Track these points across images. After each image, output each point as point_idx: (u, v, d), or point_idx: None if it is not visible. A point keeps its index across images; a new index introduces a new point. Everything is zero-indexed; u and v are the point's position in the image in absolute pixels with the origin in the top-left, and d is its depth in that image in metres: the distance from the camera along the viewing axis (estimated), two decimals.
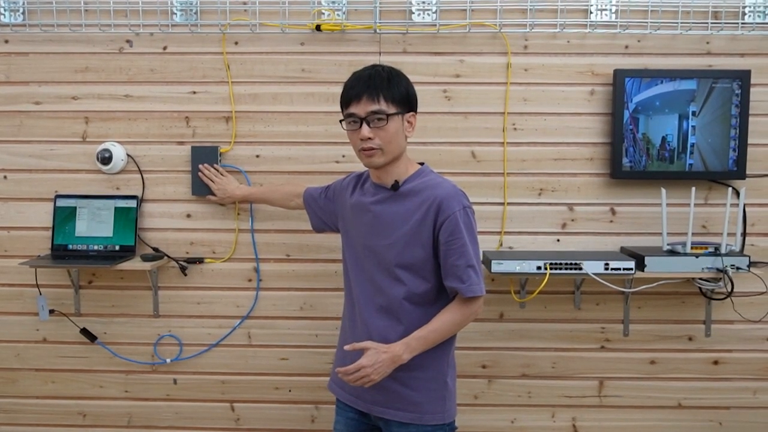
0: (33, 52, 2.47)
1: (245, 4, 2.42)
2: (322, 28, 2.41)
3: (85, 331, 2.52)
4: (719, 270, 2.28)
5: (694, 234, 2.35)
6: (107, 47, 2.46)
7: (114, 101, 2.48)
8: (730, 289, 2.26)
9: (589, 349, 2.52)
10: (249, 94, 2.47)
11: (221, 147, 2.46)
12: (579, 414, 2.55)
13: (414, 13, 2.41)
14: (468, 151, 2.47)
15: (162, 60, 2.46)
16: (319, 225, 2.19)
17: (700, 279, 2.35)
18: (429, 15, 2.41)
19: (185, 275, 2.51)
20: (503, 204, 2.47)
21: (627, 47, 2.43)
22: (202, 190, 2.45)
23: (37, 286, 2.49)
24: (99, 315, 2.54)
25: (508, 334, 2.52)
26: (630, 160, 2.40)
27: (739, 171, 2.39)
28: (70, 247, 2.45)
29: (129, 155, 2.48)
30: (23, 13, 2.44)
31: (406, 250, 1.81)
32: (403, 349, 1.75)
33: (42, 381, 2.58)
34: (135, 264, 2.38)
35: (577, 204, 2.48)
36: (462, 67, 2.44)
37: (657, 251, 2.35)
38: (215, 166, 2.43)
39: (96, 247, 2.45)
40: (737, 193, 2.39)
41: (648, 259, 2.29)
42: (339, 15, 2.42)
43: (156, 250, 2.48)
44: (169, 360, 2.55)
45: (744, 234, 2.45)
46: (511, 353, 2.53)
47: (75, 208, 2.46)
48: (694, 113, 2.38)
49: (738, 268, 2.28)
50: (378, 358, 1.73)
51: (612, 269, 2.26)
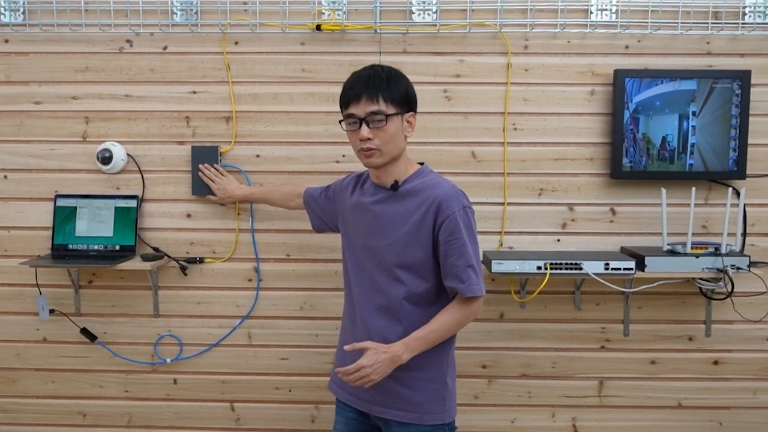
0: (33, 52, 2.47)
1: (245, 4, 2.42)
2: (323, 28, 2.41)
3: (85, 331, 2.52)
4: (719, 270, 2.28)
5: (694, 234, 2.36)
6: (107, 47, 2.46)
7: (114, 101, 2.48)
8: (730, 289, 2.26)
9: (589, 349, 2.52)
10: (249, 94, 2.47)
11: (221, 147, 2.46)
12: (579, 414, 2.55)
13: (414, 13, 2.41)
14: (468, 151, 2.47)
15: (162, 60, 2.47)
16: (320, 225, 2.19)
17: (701, 279, 2.35)
18: (429, 15, 2.41)
19: (185, 275, 2.51)
20: (503, 204, 2.47)
21: (627, 47, 2.43)
22: (202, 190, 2.45)
23: (38, 285, 2.49)
24: (99, 315, 2.55)
25: (508, 334, 2.52)
26: (630, 160, 2.40)
27: (739, 171, 2.39)
28: (71, 246, 2.45)
29: (129, 155, 2.48)
30: (23, 12, 2.44)
31: (405, 250, 1.80)
32: (403, 349, 1.75)
33: (42, 381, 2.58)
34: (135, 264, 2.38)
35: (578, 204, 2.48)
36: (462, 67, 2.44)
37: (657, 251, 2.35)
38: (215, 166, 2.43)
39: (96, 247, 2.45)
40: (737, 193, 2.39)
41: (648, 259, 2.29)
42: (339, 15, 2.42)
43: (156, 249, 2.48)
44: (169, 360, 2.55)
45: (744, 234, 2.45)
46: (512, 353, 2.53)
47: (75, 208, 2.46)
48: (694, 113, 2.38)
49: (738, 268, 2.28)
50: (378, 358, 1.73)
51: (612, 269, 2.26)
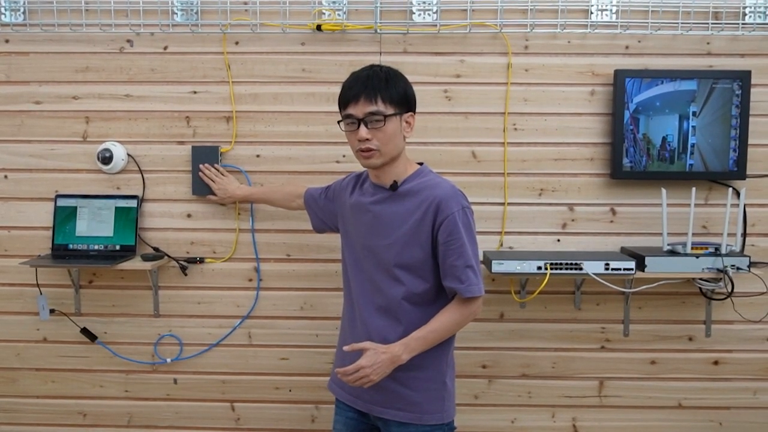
0: (33, 52, 2.48)
1: (246, 4, 2.42)
2: (323, 28, 2.41)
3: (85, 331, 2.52)
4: (719, 270, 2.28)
5: (694, 234, 2.36)
6: (108, 47, 2.47)
7: (114, 101, 2.48)
8: (730, 290, 2.26)
9: (589, 349, 2.52)
10: (249, 94, 2.47)
11: (222, 147, 2.46)
12: (579, 414, 2.55)
13: (415, 13, 2.41)
14: (468, 151, 2.47)
15: (163, 60, 2.47)
16: (320, 225, 2.19)
17: (701, 279, 2.35)
18: (429, 15, 2.41)
19: (185, 275, 2.51)
20: (503, 204, 2.47)
21: (627, 47, 2.43)
22: (202, 189, 2.45)
23: (38, 285, 2.49)
24: (99, 315, 2.55)
25: (509, 334, 2.52)
26: (630, 161, 2.40)
27: (739, 171, 2.39)
28: (71, 246, 2.45)
29: (129, 155, 2.48)
30: (24, 12, 2.44)
31: (404, 250, 1.80)
32: (402, 349, 1.75)
33: (42, 380, 2.58)
34: (135, 264, 2.38)
35: (578, 204, 2.48)
36: (462, 67, 2.44)
37: (657, 251, 2.35)
38: (216, 165, 2.43)
39: (96, 247, 2.45)
40: (737, 193, 2.39)
41: (648, 260, 2.29)
42: (340, 15, 2.42)
43: (156, 249, 2.48)
44: (169, 360, 2.55)
45: (744, 234, 2.45)
46: (512, 353, 2.53)
47: (75, 208, 2.46)
48: (694, 113, 2.38)
49: (738, 269, 2.28)
50: (377, 358, 1.73)
51: (612, 269, 2.26)
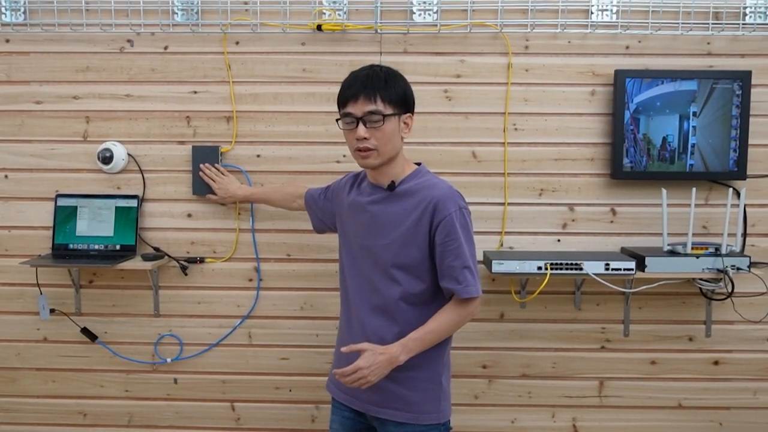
0: (34, 52, 2.48)
1: (246, 3, 2.42)
2: (323, 28, 2.41)
3: (85, 331, 2.52)
4: (720, 270, 2.28)
5: (694, 234, 2.36)
6: (108, 47, 2.47)
7: (115, 101, 2.48)
8: (730, 290, 2.26)
9: (589, 349, 2.52)
10: (250, 93, 2.47)
11: (222, 147, 2.46)
12: (579, 414, 2.55)
13: (415, 13, 2.41)
14: (469, 151, 2.47)
15: (163, 60, 2.47)
16: (320, 226, 2.19)
17: (701, 279, 2.35)
18: (430, 15, 2.41)
19: (186, 275, 2.51)
20: (504, 204, 2.47)
21: (628, 48, 2.43)
22: (202, 189, 2.45)
23: (38, 285, 2.49)
24: (99, 314, 2.55)
25: (509, 334, 2.52)
26: (630, 161, 2.40)
27: (739, 171, 2.39)
28: (71, 246, 2.46)
29: (130, 155, 2.48)
30: (24, 12, 2.44)
31: (402, 251, 1.80)
32: (400, 350, 1.75)
33: (42, 380, 2.58)
34: (136, 263, 2.38)
35: (578, 204, 2.48)
36: (463, 67, 2.44)
37: (657, 252, 2.35)
38: (216, 165, 2.43)
39: (97, 247, 2.45)
40: (738, 193, 2.39)
41: (648, 260, 2.29)
42: (340, 15, 2.42)
43: (157, 249, 2.48)
44: (169, 359, 2.55)
45: (744, 234, 2.45)
46: (512, 353, 2.53)
47: (76, 208, 2.47)
48: (694, 114, 2.38)
49: (738, 269, 2.28)
50: (375, 359, 1.72)
51: (612, 269, 2.26)
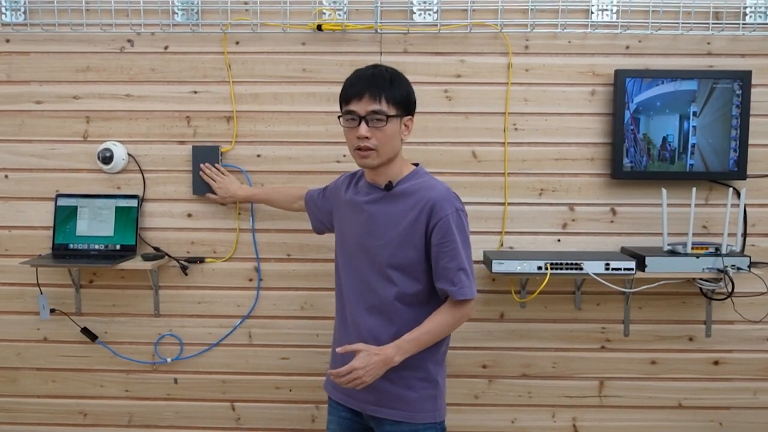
0: (34, 52, 2.48)
1: (246, 3, 2.42)
2: (323, 27, 2.41)
3: (85, 331, 2.52)
4: (720, 270, 2.28)
5: (694, 234, 2.35)
6: (108, 47, 2.47)
7: (115, 101, 2.48)
8: (730, 290, 2.26)
9: (589, 349, 2.52)
10: (250, 93, 2.47)
11: (222, 147, 2.46)
12: (579, 414, 2.55)
13: (415, 13, 2.41)
14: (469, 151, 2.47)
15: (163, 59, 2.47)
16: (319, 227, 2.20)
17: (701, 279, 2.35)
18: (430, 15, 2.41)
19: (186, 275, 2.51)
20: (504, 204, 2.47)
21: (628, 47, 2.43)
22: (203, 189, 2.45)
23: (38, 285, 2.49)
24: (100, 314, 2.55)
25: (509, 334, 2.52)
26: (631, 161, 2.40)
27: (739, 171, 2.39)
28: (71, 246, 2.46)
29: (130, 155, 2.48)
30: (24, 12, 2.44)
31: (398, 251, 1.80)
32: (395, 351, 1.75)
33: (43, 380, 2.58)
34: (136, 263, 2.38)
35: (578, 204, 2.48)
36: (463, 67, 2.44)
37: (657, 251, 2.35)
38: (216, 165, 2.43)
39: (97, 247, 2.45)
40: (738, 193, 2.39)
41: (648, 260, 2.29)
42: (340, 15, 2.42)
43: (157, 249, 2.48)
44: (169, 359, 2.55)
45: (744, 234, 2.45)
46: (512, 353, 2.53)
47: (76, 208, 2.47)
48: (694, 114, 2.38)
49: (738, 269, 2.28)
50: (370, 360, 1.72)
51: (612, 269, 2.26)
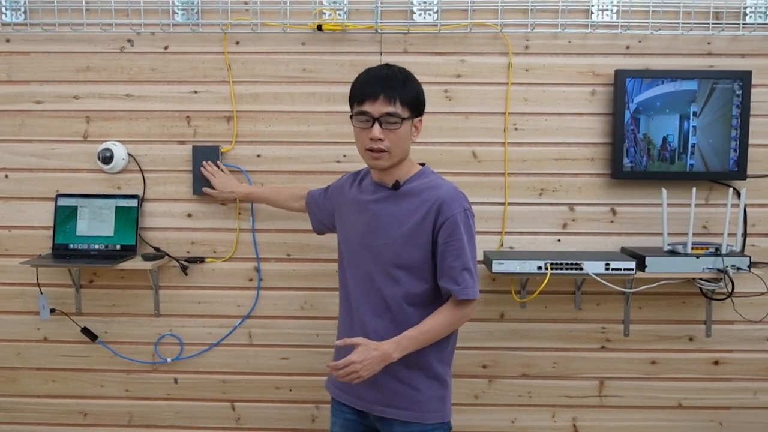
0: (34, 52, 2.48)
1: (246, 3, 2.42)
2: (324, 27, 2.41)
3: (85, 331, 2.52)
4: (720, 270, 2.28)
5: (694, 234, 2.35)
6: (108, 47, 2.47)
7: (115, 101, 2.48)
8: (730, 290, 2.26)
9: (589, 349, 2.52)
10: (250, 93, 2.47)
11: (222, 146, 2.46)
12: (579, 414, 2.55)
13: (415, 13, 2.41)
14: (469, 151, 2.47)
15: (163, 59, 2.47)
16: (320, 227, 2.19)
17: (701, 279, 2.35)
18: (430, 15, 2.41)
19: (186, 275, 2.51)
20: (504, 204, 2.47)
21: (628, 47, 2.43)
22: (203, 189, 2.45)
23: (38, 285, 2.49)
24: (100, 314, 2.55)
25: (509, 334, 2.52)
26: (631, 161, 2.40)
27: (739, 171, 2.39)
28: (71, 246, 2.46)
29: (130, 154, 2.48)
30: (24, 12, 2.44)
31: (404, 250, 1.80)
32: (394, 347, 1.75)
33: (43, 380, 2.58)
34: (136, 263, 2.38)
35: (578, 204, 2.48)
36: (463, 67, 2.44)
37: (658, 251, 2.35)
38: (218, 163, 2.43)
39: (97, 247, 2.45)
40: (738, 193, 2.39)
41: (649, 260, 2.29)
42: (340, 15, 2.42)
43: (157, 249, 2.48)
44: (169, 359, 2.55)
45: (744, 234, 2.45)
46: (512, 353, 2.53)
47: (76, 208, 2.47)
48: (695, 114, 2.38)
49: (738, 269, 2.28)
50: (368, 354, 1.72)
51: (613, 269, 2.26)
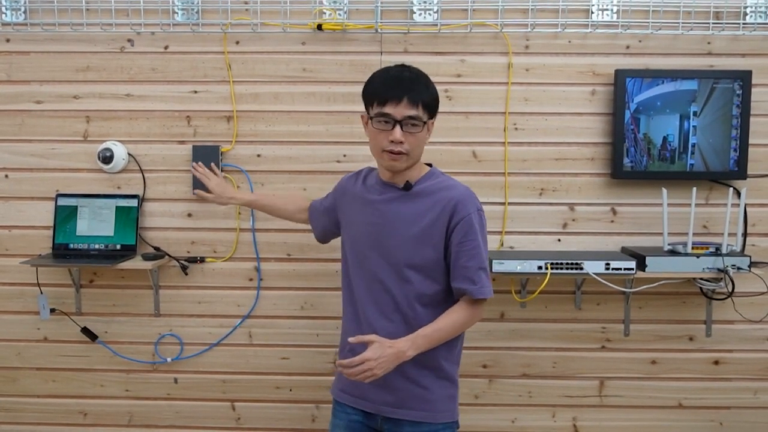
0: (34, 51, 2.48)
1: (246, 3, 2.42)
2: (324, 27, 2.41)
3: (86, 330, 2.52)
4: (720, 270, 2.28)
5: (695, 234, 2.35)
6: (108, 46, 2.47)
7: (115, 100, 2.48)
8: (730, 290, 2.26)
9: (589, 348, 2.52)
10: (250, 93, 2.47)
11: (222, 146, 2.46)
12: (579, 414, 2.55)
13: (415, 12, 2.41)
14: (469, 151, 2.47)
15: (163, 59, 2.47)
16: (323, 235, 2.13)
17: (701, 279, 2.35)
18: (430, 15, 2.41)
19: (186, 274, 2.51)
20: (504, 204, 2.47)
21: (628, 47, 2.43)
22: (203, 189, 2.44)
23: (38, 285, 2.49)
24: (100, 314, 2.55)
25: (509, 334, 2.52)
26: (631, 160, 2.40)
27: (740, 171, 2.39)
28: (71, 246, 2.46)
29: (130, 154, 2.48)
30: (25, 12, 2.44)
31: (416, 251, 1.79)
32: (408, 345, 1.72)
33: (43, 380, 2.58)
34: (136, 263, 2.38)
35: (578, 204, 2.48)
36: (463, 67, 2.44)
37: (658, 251, 2.35)
38: (212, 165, 2.39)
39: (97, 246, 2.45)
40: (738, 193, 2.39)
41: (649, 259, 2.29)
42: (340, 14, 2.42)
43: (157, 249, 2.48)
44: (169, 359, 2.55)
45: (745, 234, 2.45)
46: (512, 353, 2.53)
47: (76, 207, 2.46)
48: (695, 113, 2.38)
49: (739, 268, 2.28)
50: (383, 352, 1.68)
51: (613, 269, 2.26)
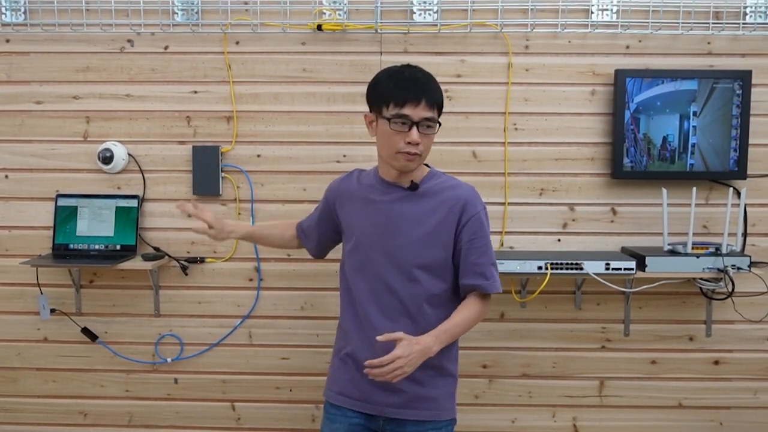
0: (34, 52, 2.48)
1: (246, 3, 2.42)
2: (324, 27, 2.41)
3: (86, 331, 2.52)
4: (720, 270, 2.28)
5: (694, 234, 2.35)
6: (108, 47, 2.47)
7: (115, 101, 2.48)
8: (730, 290, 2.26)
9: (589, 349, 2.52)
10: (250, 93, 2.47)
11: (222, 147, 2.46)
12: (579, 414, 2.55)
13: (415, 12, 2.41)
14: (469, 151, 2.47)
15: (163, 59, 2.47)
16: (319, 248, 2.08)
17: (701, 279, 2.35)
18: (430, 15, 2.41)
19: (186, 275, 2.51)
20: (504, 204, 2.47)
21: (628, 47, 2.43)
22: (203, 189, 2.45)
23: (38, 285, 2.49)
24: (100, 314, 2.55)
25: (509, 334, 2.52)
26: (631, 160, 2.40)
27: (740, 171, 2.39)
28: (71, 246, 2.46)
29: (130, 155, 2.48)
30: (24, 12, 2.44)
31: (424, 250, 1.78)
32: (433, 341, 1.71)
33: (43, 380, 2.58)
34: (136, 263, 2.38)
35: (578, 204, 2.48)
36: (463, 67, 2.44)
37: (658, 251, 2.35)
38: (193, 203, 1.99)
39: (97, 247, 2.45)
40: (738, 193, 2.39)
41: (649, 259, 2.29)
42: (340, 15, 2.42)
43: (157, 249, 2.48)
44: (169, 359, 2.55)
45: (745, 234, 2.45)
46: (512, 353, 2.53)
47: (76, 208, 2.47)
48: (695, 113, 2.38)
49: (739, 268, 2.28)
50: (411, 349, 1.66)
51: (613, 269, 2.26)
